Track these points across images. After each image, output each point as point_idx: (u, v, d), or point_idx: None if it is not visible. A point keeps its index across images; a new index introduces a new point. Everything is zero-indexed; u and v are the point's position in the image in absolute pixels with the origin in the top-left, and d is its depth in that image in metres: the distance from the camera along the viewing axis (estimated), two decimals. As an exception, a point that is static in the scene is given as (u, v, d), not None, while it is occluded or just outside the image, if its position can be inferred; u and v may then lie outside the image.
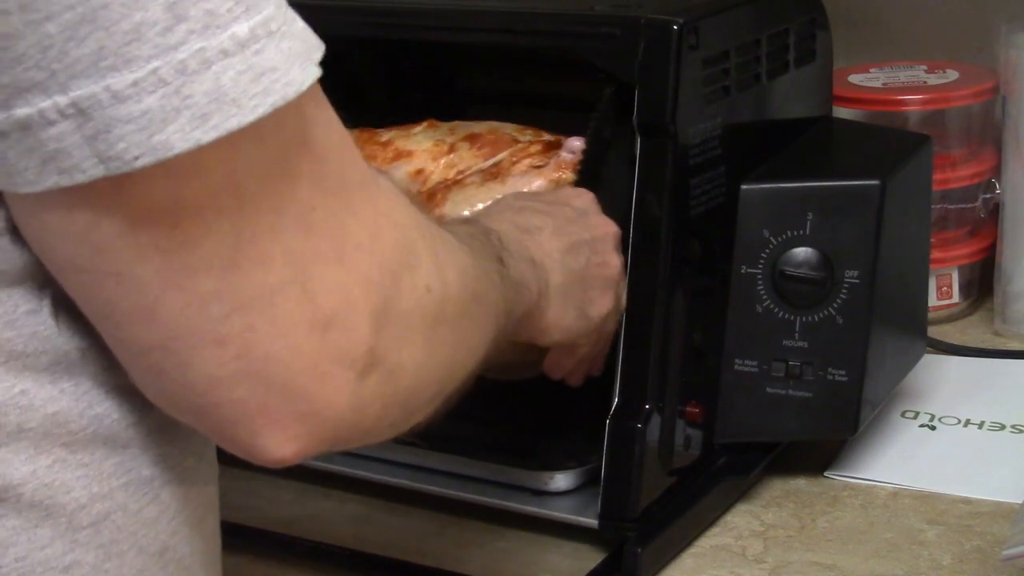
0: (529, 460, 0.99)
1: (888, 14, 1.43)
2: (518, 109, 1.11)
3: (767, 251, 0.97)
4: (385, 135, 1.07)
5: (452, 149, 1.05)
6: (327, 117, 0.61)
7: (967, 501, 1.01)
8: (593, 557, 0.96)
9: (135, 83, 0.53)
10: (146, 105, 0.53)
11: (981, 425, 1.12)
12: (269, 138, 0.57)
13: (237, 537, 1.01)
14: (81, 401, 0.61)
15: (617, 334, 0.94)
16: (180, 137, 0.54)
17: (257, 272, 0.57)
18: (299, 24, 0.58)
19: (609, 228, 0.92)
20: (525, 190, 0.99)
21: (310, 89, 0.58)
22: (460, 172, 1.03)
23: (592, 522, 0.94)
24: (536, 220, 0.87)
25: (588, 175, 0.96)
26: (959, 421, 1.12)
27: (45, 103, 0.54)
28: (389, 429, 0.66)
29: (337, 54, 1.22)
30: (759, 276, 0.97)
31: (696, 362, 0.97)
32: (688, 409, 0.96)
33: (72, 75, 0.53)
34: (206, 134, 0.54)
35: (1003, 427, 1.11)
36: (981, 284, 1.33)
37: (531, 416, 1.06)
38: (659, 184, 0.93)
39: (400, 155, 1.05)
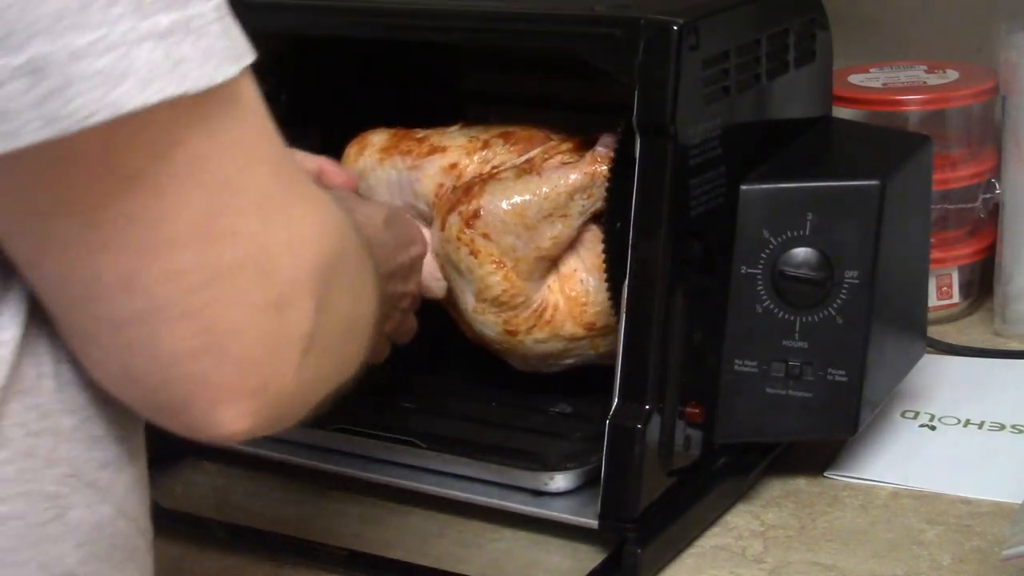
0: (529, 460, 0.99)
1: (888, 14, 1.43)
2: (518, 109, 1.11)
3: (767, 251, 0.97)
4: (421, 132, 1.09)
5: (486, 145, 1.06)
6: (265, 115, 0.65)
7: (967, 501, 1.01)
8: (593, 557, 0.96)
9: (91, 44, 0.56)
10: (100, 65, 0.56)
11: (981, 425, 1.12)
12: (218, 117, 0.61)
13: (237, 537, 1.01)
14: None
15: (616, 334, 0.95)
16: (129, 97, 0.57)
17: (225, 247, 0.61)
18: (233, 31, 0.62)
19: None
20: (560, 183, 1.01)
21: (246, 87, 0.63)
22: (494, 167, 1.04)
23: (592, 522, 0.95)
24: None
25: (621, 169, 0.96)
26: (959, 421, 1.12)
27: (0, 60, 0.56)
28: (312, 408, 0.69)
29: (337, 54, 1.22)
30: (759, 276, 0.97)
31: (696, 362, 0.97)
32: (688, 409, 0.96)
33: (31, 34, 0.55)
34: (149, 97, 0.57)
35: (1003, 427, 1.11)
36: (981, 284, 1.33)
37: (531, 416, 1.06)
38: (659, 184, 0.92)
39: (435, 150, 1.06)
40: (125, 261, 0.60)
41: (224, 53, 0.60)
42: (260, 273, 0.62)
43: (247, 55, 0.62)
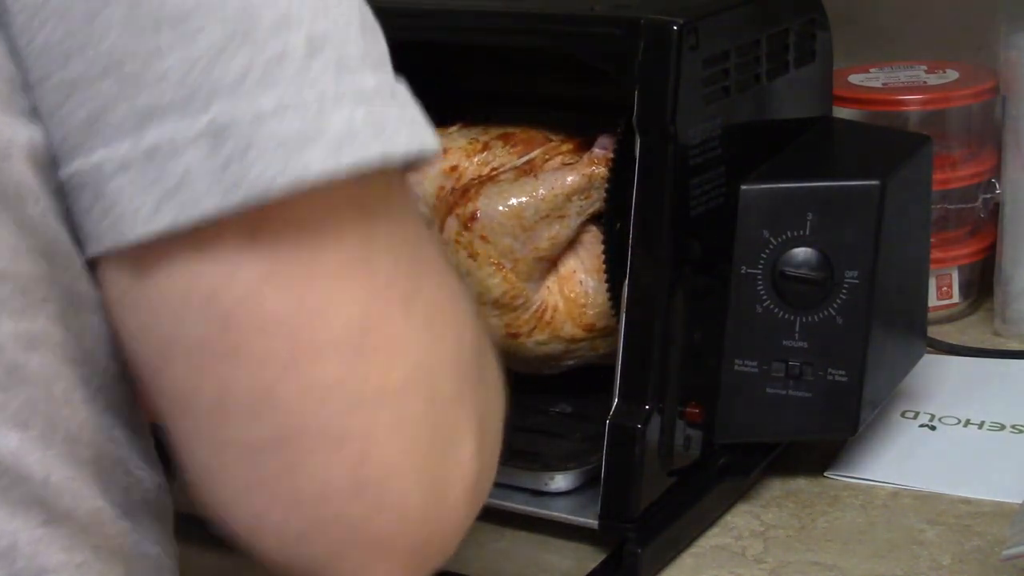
0: (529, 460, 0.99)
1: (888, 14, 1.43)
2: (518, 109, 1.11)
3: (767, 251, 0.97)
4: None
5: (486, 147, 1.06)
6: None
7: (967, 501, 1.01)
8: (593, 557, 0.96)
9: (280, 104, 0.50)
10: (286, 128, 0.50)
11: (981, 425, 1.12)
12: (389, 205, 0.54)
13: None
14: (116, 511, 0.58)
15: (616, 335, 0.95)
16: (318, 162, 0.50)
17: (384, 364, 0.52)
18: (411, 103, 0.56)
19: None
20: (557, 185, 1.00)
21: (406, 179, 0.55)
22: (494, 169, 1.04)
23: (592, 522, 0.95)
24: None
25: (621, 169, 0.96)
26: (959, 421, 1.12)
27: (179, 125, 0.50)
28: None
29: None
30: (759, 276, 0.97)
31: (696, 362, 0.97)
32: (688, 409, 0.96)
33: (214, 93, 0.50)
34: (341, 161, 0.50)
35: (1003, 427, 1.11)
36: (981, 284, 1.33)
37: (531, 416, 1.06)
38: (659, 184, 0.93)
39: None
40: (259, 373, 0.51)
41: (419, 123, 0.54)
42: (426, 400, 0.52)
43: (432, 140, 0.54)
